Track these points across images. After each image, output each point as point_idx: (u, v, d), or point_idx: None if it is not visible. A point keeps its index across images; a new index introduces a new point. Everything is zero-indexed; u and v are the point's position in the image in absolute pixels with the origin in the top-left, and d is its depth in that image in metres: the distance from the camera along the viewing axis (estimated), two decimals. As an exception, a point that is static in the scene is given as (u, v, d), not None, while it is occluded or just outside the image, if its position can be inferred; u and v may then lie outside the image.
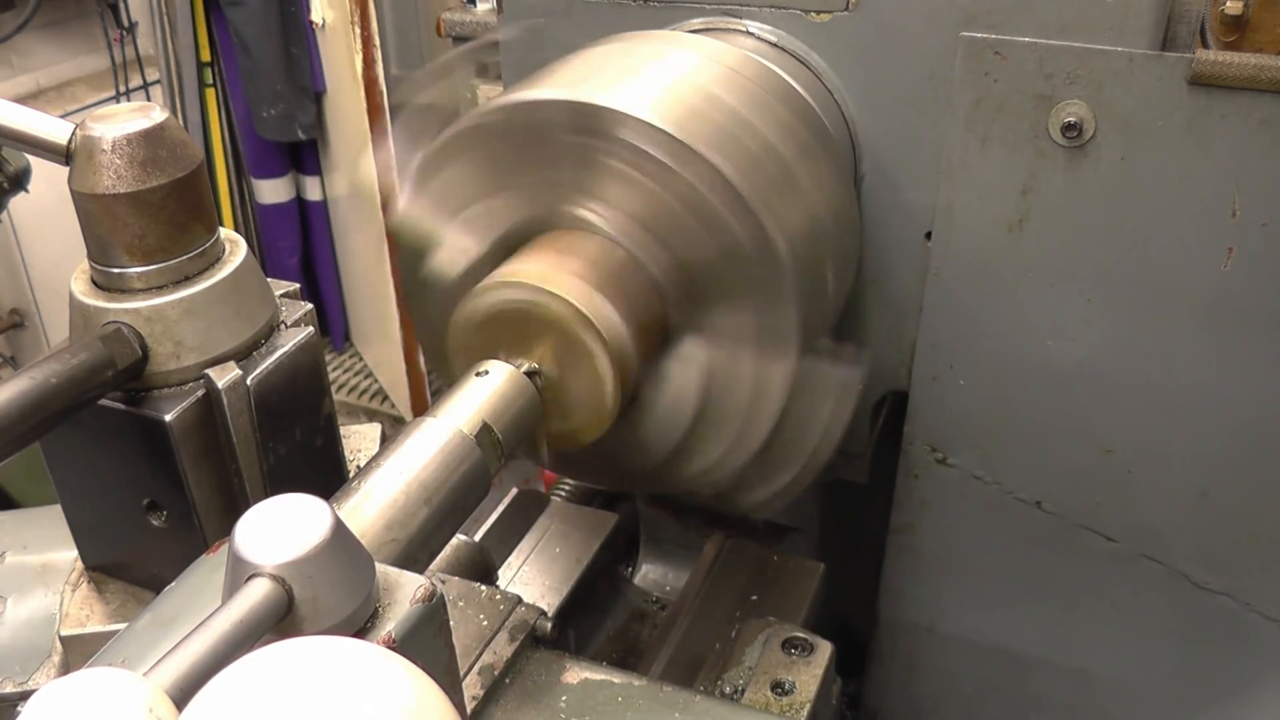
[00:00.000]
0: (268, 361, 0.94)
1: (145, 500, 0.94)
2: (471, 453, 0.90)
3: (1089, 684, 1.62)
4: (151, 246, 0.88)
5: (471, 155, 1.09)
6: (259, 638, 0.61)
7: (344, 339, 5.07)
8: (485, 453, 0.92)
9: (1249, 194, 1.21)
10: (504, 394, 0.97)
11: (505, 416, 0.95)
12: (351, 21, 3.70)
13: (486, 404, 0.95)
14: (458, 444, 0.90)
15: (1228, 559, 1.43)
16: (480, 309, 1.02)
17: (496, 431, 0.93)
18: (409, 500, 0.84)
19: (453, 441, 0.90)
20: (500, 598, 1.08)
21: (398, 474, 0.85)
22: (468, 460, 0.90)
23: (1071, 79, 1.22)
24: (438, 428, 0.90)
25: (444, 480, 0.87)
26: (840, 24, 1.31)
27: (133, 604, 1.00)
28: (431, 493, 0.85)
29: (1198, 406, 1.35)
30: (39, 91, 4.27)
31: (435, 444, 0.89)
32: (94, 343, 0.85)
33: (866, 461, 1.58)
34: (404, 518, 0.82)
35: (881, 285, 1.44)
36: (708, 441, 1.12)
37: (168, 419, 0.88)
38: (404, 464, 0.86)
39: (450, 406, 0.94)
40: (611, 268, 1.04)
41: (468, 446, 0.90)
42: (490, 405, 0.95)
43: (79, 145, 0.86)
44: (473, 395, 0.95)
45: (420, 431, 0.90)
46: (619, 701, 0.99)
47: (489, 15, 1.59)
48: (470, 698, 0.98)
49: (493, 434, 0.93)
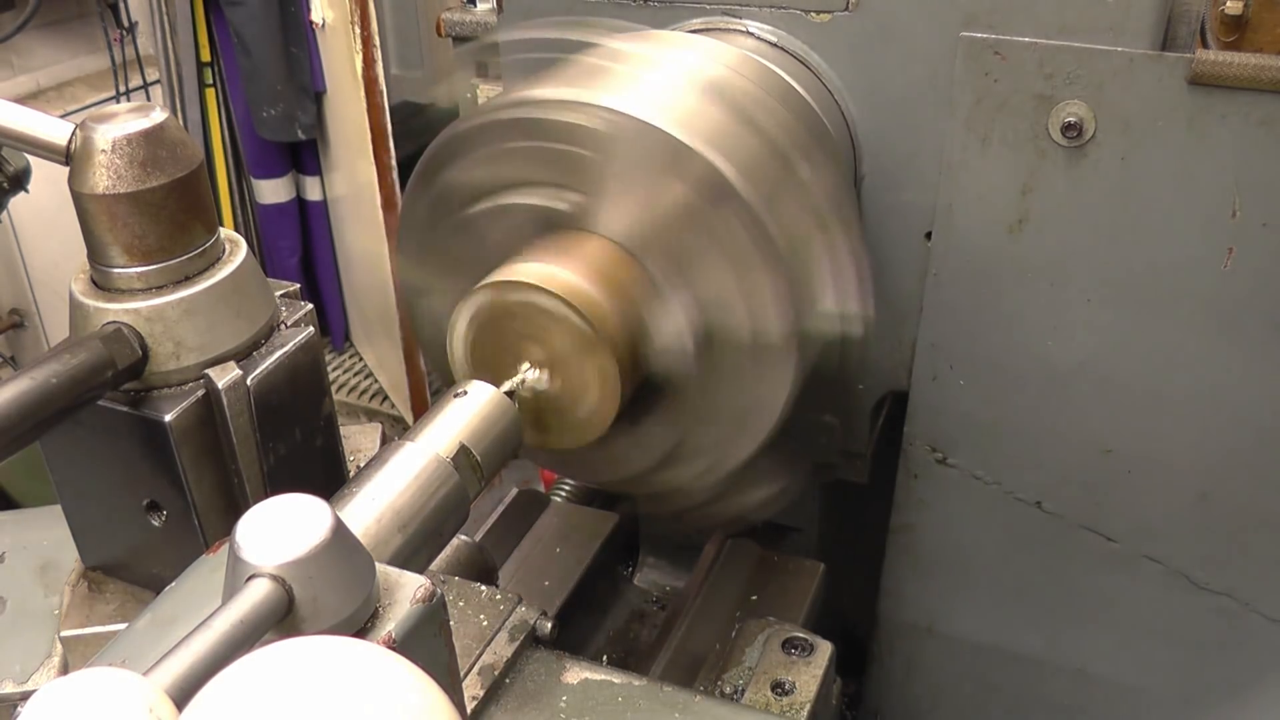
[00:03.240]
0: (268, 361, 0.94)
1: (145, 500, 0.94)
2: (449, 477, 0.89)
3: (1089, 684, 1.62)
4: (151, 246, 0.88)
5: (473, 155, 1.09)
6: (259, 638, 0.61)
7: (344, 339, 5.07)
8: (464, 476, 0.90)
9: (1249, 194, 1.21)
10: (484, 415, 0.95)
11: (485, 438, 0.93)
12: (351, 21, 3.70)
13: (465, 426, 0.93)
14: (434, 469, 0.88)
15: (1228, 559, 1.43)
16: (479, 309, 1.02)
17: (476, 454, 0.91)
18: (381, 529, 0.82)
19: (429, 466, 0.88)
20: (500, 598, 1.08)
21: (370, 501, 0.83)
22: (445, 485, 0.88)
23: (1071, 79, 1.22)
24: (413, 452, 0.88)
25: (419, 507, 0.85)
26: (840, 24, 1.31)
27: (133, 604, 1.00)
28: (406, 520, 0.84)
29: (1198, 406, 1.35)
30: (39, 91, 4.27)
31: (410, 469, 0.87)
32: (94, 343, 0.85)
33: (866, 461, 1.58)
34: (376, 545, 0.81)
35: (881, 285, 1.43)
36: (704, 441, 1.12)
37: (168, 419, 0.88)
38: (377, 490, 0.84)
39: (428, 430, 0.92)
40: (611, 268, 1.04)
41: (445, 471, 0.88)
42: (469, 427, 0.93)
43: (79, 145, 0.86)
44: (451, 417, 0.93)
45: (396, 457, 0.88)
46: (619, 701, 0.99)
47: (489, 15, 1.59)
48: (470, 698, 0.97)
49: (471, 456, 0.91)
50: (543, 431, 1.05)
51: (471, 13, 2.42)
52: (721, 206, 1.01)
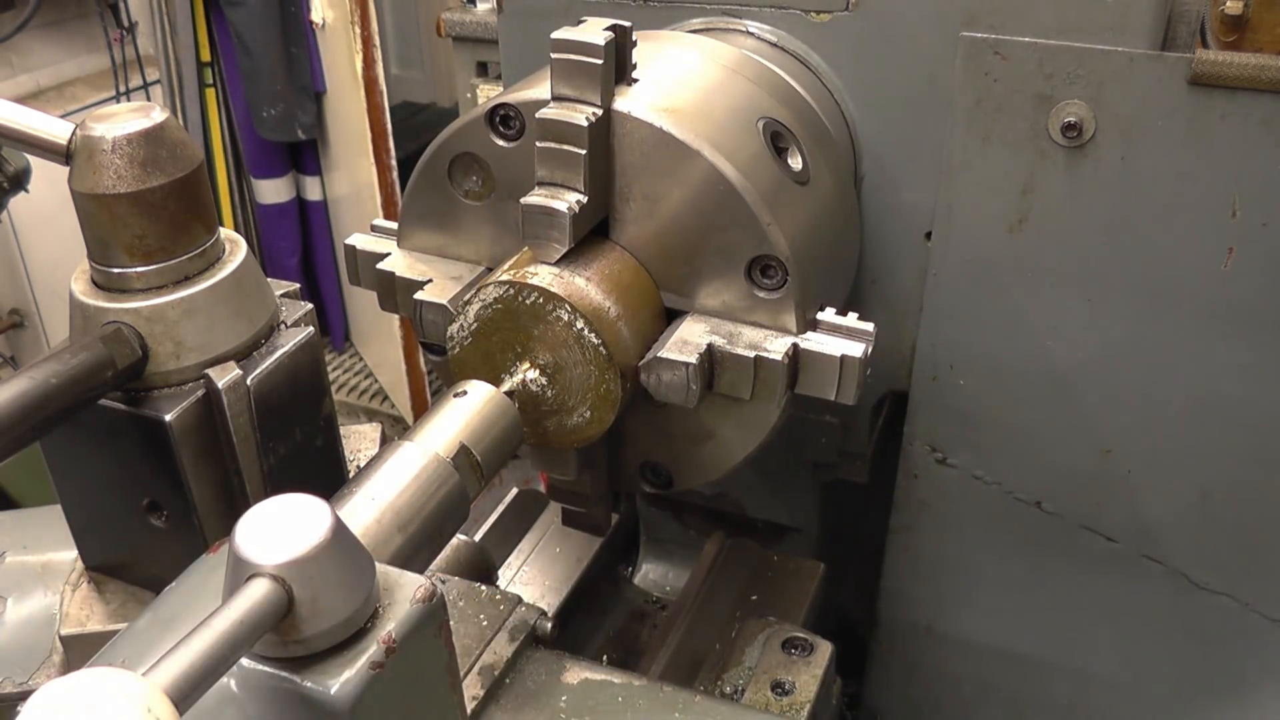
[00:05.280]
0: (268, 361, 0.94)
1: (145, 500, 0.94)
2: (449, 477, 0.88)
3: (1089, 684, 1.62)
4: (151, 246, 0.87)
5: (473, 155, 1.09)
6: (259, 637, 0.61)
7: (344, 339, 5.07)
8: (464, 476, 0.90)
9: (1249, 194, 1.21)
10: (484, 415, 0.95)
11: (485, 438, 0.93)
12: (351, 21, 3.70)
13: (465, 426, 0.92)
14: (434, 469, 0.87)
15: (1228, 559, 1.43)
16: (479, 309, 1.02)
17: (475, 454, 0.91)
18: (381, 529, 0.82)
19: (429, 466, 0.87)
20: (500, 598, 1.08)
21: (370, 501, 0.83)
22: (445, 485, 0.88)
23: (1071, 79, 1.22)
24: (413, 452, 0.88)
25: (420, 506, 0.85)
26: (840, 24, 1.31)
27: (133, 604, 1.00)
28: (406, 520, 0.84)
29: (1198, 406, 1.35)
30: (39, 91, 4.27)
31: (410, 469, 0.87)
32: (94, 343, 0.85)
33: (866, 461, 1.58)
34: (376, 545, 0.81)
35: (881, 285, 1.44)
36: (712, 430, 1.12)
37: (168, 419, 0.88)
38: (377, 490, 0.84)
39: (427, 429, 0.91)
40: (609, 265, 1.04)
41: (445, 470, 0.88)
42: (469, 426, 0.93)
43: (79, 145, 0.86)
44: (450, 417, 0.93)
45: (395, 456, 0.88)
46: (619, 701, 0.99)
47: (489, 15, 1.59)
48: (470, 698, 0.97)
49: (471, 456, 0.91)
50: (526, 426, 1.05)
51: (471, 13, 2.42)
52: (724, 209, 1.01)
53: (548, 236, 1.01)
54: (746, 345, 1.01)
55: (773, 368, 0.99)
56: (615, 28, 1.00)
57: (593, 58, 0.98)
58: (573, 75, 0.99)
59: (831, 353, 1.00)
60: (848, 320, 1.03)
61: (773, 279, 1.02)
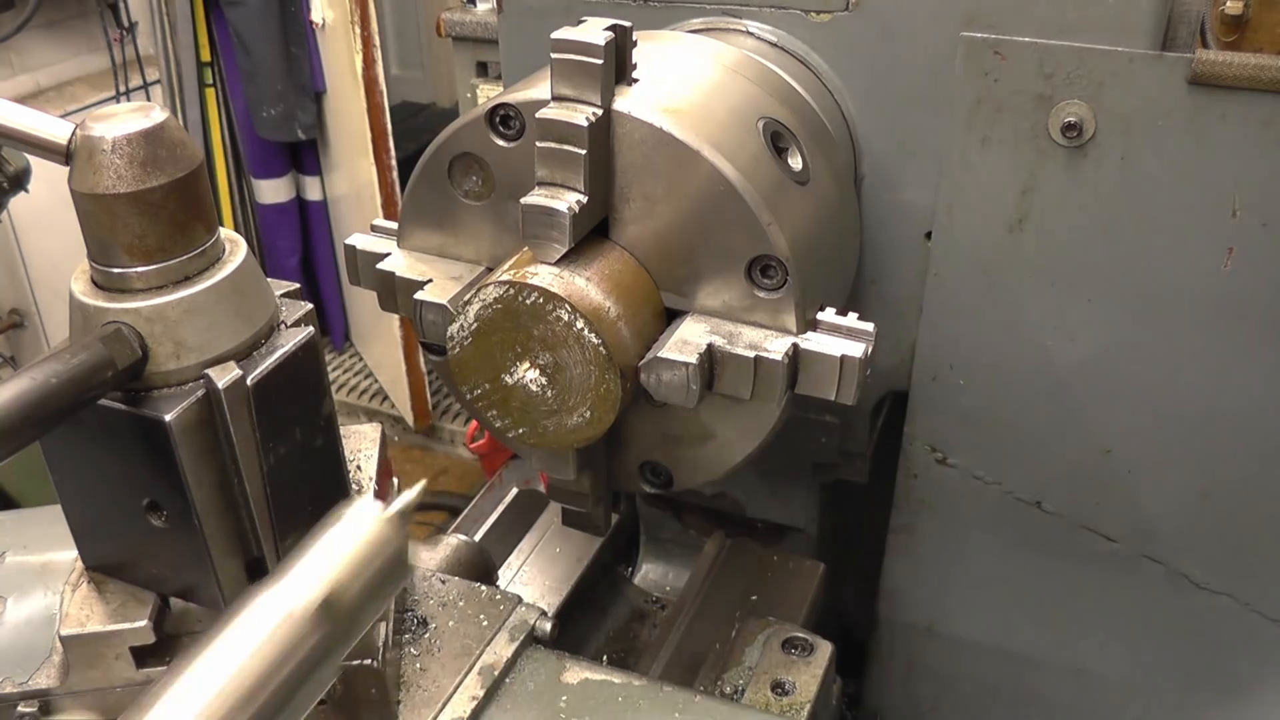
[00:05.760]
0: (268, 361, 0.94)
1: (145, 500, 0.94)
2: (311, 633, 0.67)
3: (1089, 684, 1.62)
4: (151, 246, 0.87)
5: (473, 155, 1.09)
6: None
7: (344, 339, 5.07)
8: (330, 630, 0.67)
9: (1249, 194, 1.21)
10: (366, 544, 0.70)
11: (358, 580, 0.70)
12: (351, 21, 3.70)
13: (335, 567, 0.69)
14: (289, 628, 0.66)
15: (1228, 559, 1.43)
16: (479, 309, 1.02)
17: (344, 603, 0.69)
18: None
19: (282, 626, 0.66)
20: (500, 598, 1.08)
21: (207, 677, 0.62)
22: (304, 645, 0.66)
23: (1071, 79, 1.22)
24: (266, 607, 0.67)
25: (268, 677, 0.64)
26: (840, 24, 1.31)
27: (133, 604, 1.00)
28: None
29: (1198, 406, 1.35)
30: (39, 91, 4.27)
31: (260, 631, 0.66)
32: (94, 343, 0.85)
33: (866, 461, 1.58)
34: None
35: (881, 285, 1.44)
36: (713, 429, 1.12)
37: (168, 419, 0.88)
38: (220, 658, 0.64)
39: (288, 576, 0.69)
40: (609, 265, 1.04)
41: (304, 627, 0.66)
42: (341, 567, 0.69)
43: (79, 145, 0.86)
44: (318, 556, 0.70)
45: (246, 613, 0.67)
46: (619, 701, 0.99)
47: (489, 15, 1.59)
48: (470, 698, 0.98)
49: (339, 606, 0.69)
50: (526, 426, 1.05)
51: (471, 13, 2.42)
52: (724, 209, 1.01)
53: (548, 236, 1.01)
54: (746, 345, 1.01)
55: (773, 368, 0.99)
56: (615, 28, 1.00)
57: (593, 58, 0.98)
58: (573, 75, 0.99)
59: (831, 353, 1.00)
60: (848, 320, 1.03)
61: (773, 279, 1.02)
